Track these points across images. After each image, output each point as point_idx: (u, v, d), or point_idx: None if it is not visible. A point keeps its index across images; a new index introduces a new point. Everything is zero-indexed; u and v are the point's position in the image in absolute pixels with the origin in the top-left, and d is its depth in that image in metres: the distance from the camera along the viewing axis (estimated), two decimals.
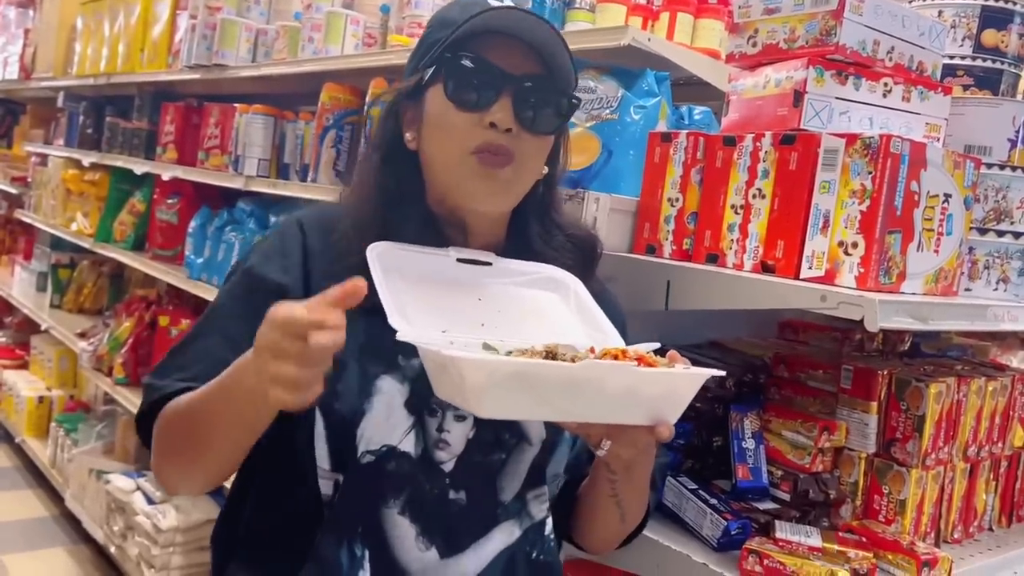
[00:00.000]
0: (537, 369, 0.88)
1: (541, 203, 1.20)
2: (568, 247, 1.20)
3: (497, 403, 0.88)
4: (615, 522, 1.17)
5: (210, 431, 0.98)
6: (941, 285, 1.30)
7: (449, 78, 1.08)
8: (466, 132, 1.07)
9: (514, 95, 1.07)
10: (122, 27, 3.82)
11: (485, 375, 0.86)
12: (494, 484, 1.10)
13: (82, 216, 4.10)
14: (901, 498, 1.40)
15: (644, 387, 0.93)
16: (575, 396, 0.90)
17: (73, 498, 3.70)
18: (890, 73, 1.36)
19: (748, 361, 1.61)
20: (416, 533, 1.05)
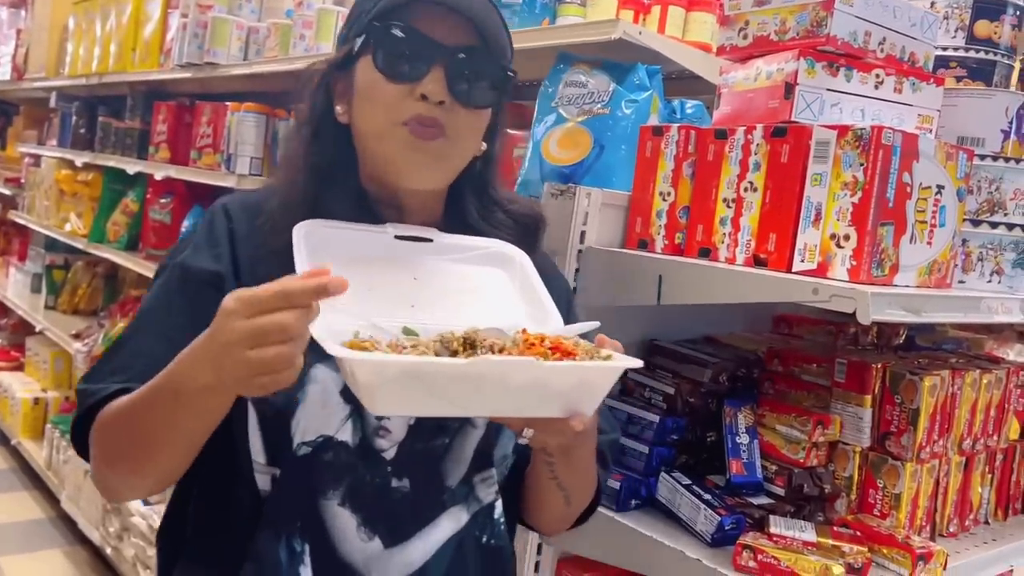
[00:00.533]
0: (428, 367, 0.84)
1: (479, 180, 1.16)
2: (508, 223, 1.17)
3: (391, 401, 0.85)
4: (560, 505, 1.15)
5: (160, 432, 0.94)
6: (934, 277, 1.29)
7: (378, 48, 1.04)
8: (397, 104, 1.04)
9: (446, 66, 1.04)
10: (114, 26, 3.81)
11: (374, 374, 0.83)
12: (438, 470, 1.07)
13: (75, 217, 4.09)
14: (896, 492, 1.40)
15: (552, 380, 0.88)
16: (476, 392, 0.86)
17: (69, 499, 3.69)
18: (882, 64, 1.35)
19: (742, 355, 1.61)
20: (357, 524, 1.02)
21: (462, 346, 0.89)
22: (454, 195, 1.16)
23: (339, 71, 1.11)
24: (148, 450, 0.96)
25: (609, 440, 1.24)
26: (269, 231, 1.05)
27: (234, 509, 1.06)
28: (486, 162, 1.17)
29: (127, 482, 1.03)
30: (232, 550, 1.04)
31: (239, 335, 0.80)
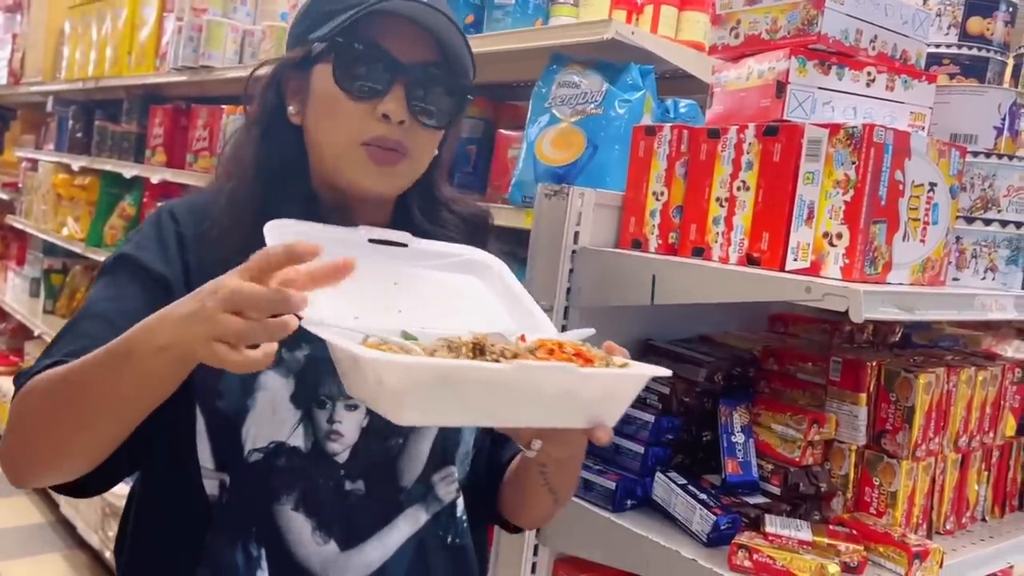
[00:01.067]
0: (465, 372, 0.78)
1: (426, 183, 1.15)
2: (454, 222, 1.17)
3: (417, 409, 0.79)
4: (548, 505, 1.14)
5: (97, 396, 0.87)
6: (928, 275, 1.29)
7: (339, 64, 1.02)
8: (356, 122, 1.03)
9: (407, 85, 1.03)
10: (109, 31, 3.81)
11: (405, 378, 0.76)
12: (393, 470, 1.06)
13: (73, 221, 4.09)
14: (892, 490, 1.39)
15: (584, 389, 0.85)
16: (506, 400, 0.81)
17: (68, 504, 3.69)
18: (873, 62, 1.35)
19: (737, 355, 1.61)
20: (312, 528, 1.02)
21: (471, 352, 0.84)
22: (401, 199, 1.15)
23: (294, 70, 1.08)
24: (78, 417, 0.89)
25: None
26: (216, 236, 1.03)
27: (183, 516, 1.04)
28: (433, 165, 1.16)
29: (42, 458, 0.94)
30: (184, 557, 1.03)
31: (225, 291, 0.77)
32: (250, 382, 1.00)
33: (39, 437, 0.93)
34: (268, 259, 0.79)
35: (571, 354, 0.87)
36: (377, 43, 1.03)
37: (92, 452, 0.92)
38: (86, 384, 0.88)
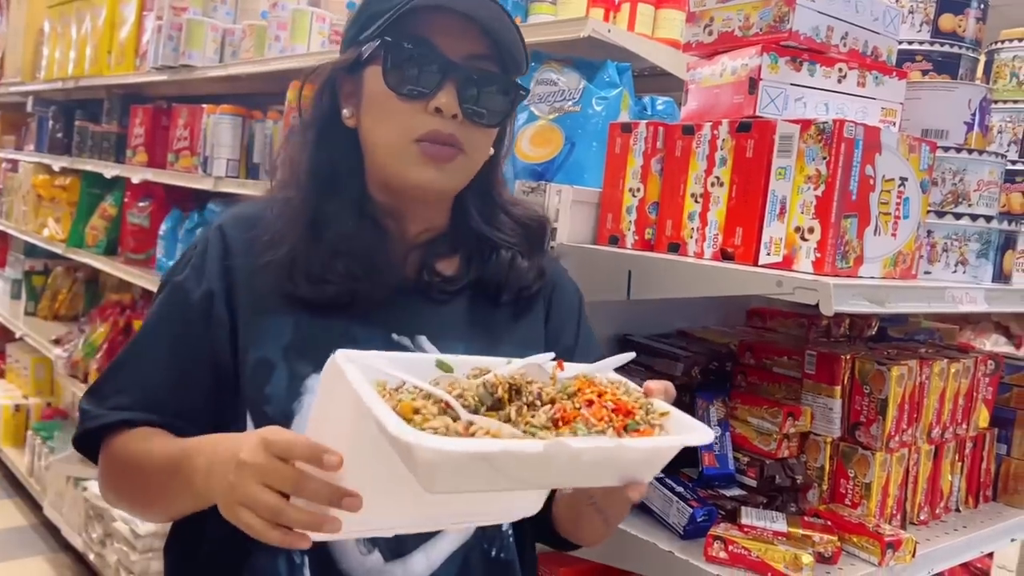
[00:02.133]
0: (503, 455, 0.76)
1: (483, 184, 1.15)
2: (511, 226, 1.16)
3: (451, 483, 0.77)
4: (600, 527, 1.11)
5: (164, 498, 1.00)
6: (900, 268, 1.30)
7: (389, 64, 1.01)
8: (409, 120, 1.02)
9: (459, 82, 1.02)
10: (89, 30, 3.79)
11: (440, 459, 0.74)
12: None
13: (54, 222, 4.07)
14: (867, 481, 1.41)
15: (623, 457, 0.82)
16: (542, 471, 0.79)
17: (51, 506, 3.67)
18: (845, 59, 1.36)
19: (714, 349, 1.62)
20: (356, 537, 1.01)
21: (507, 393, 0.83)
22: (459, 201, 1.14)
23: (347, 73, 1.08)
24: (148, 503, 1.05)
25: None
26: (267, 243, 1.03)
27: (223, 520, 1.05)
28: (491, 166, 1.15)
29: (131, 511, 1.13)
30: (228, 562, 1.03)
31: (254, 461, 0.82)
32: (296, 386, 1.01)
33: (123, 498, 1.09)
34: (292, 449, 0.81)
35: (611, 410, 0.84)
36: (425, 39, 1.02)
37: (169, 518, 1.08)
38: (149, 484, 1.01)
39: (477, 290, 1.13)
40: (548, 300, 1.19)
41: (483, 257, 1.13)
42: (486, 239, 1.13)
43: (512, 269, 1.13)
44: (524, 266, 1.14)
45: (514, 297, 1.14)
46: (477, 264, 1.13)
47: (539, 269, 1.16)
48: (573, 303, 1.22)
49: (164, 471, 0.96)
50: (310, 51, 2.50)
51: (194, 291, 1.05)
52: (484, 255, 1.13)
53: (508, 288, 1.13)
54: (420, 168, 1.04)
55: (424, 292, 1.10)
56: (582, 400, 0.85)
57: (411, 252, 1.11)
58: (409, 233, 1.11)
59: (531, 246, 1.16)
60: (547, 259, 1.19)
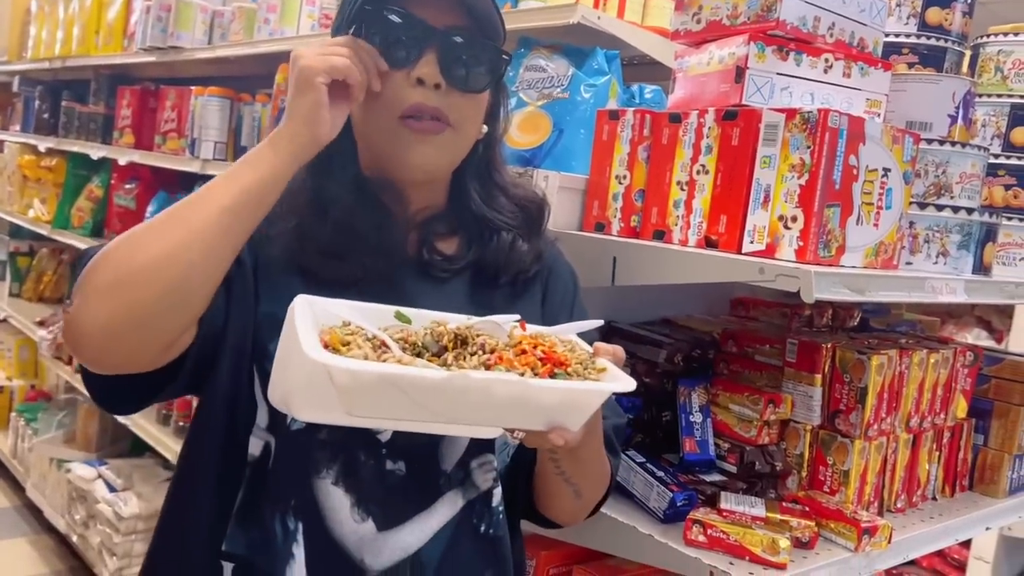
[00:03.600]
0: (410, 378, 0.80)
1: (481, 164, 1.16)
2: (511, 208, 1.17)
3: (369, 406, 0.82)
4: (570, 498, 1.14)
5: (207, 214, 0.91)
6: (881, 258, 1.32)
7: (370, 34, 1.03)
8: (393, 93, 1.04)
9: (439, 48, 1.03)
10: (77, 9, 3.76)
11: (351, 379, 0.79)
12: (435, 454, 1.07)
13: (39, 203, 4.04)
14: (845, 469, 1.43)
15: (536, 397, 0.85)
16: (457, 403, 0.83)
17: (34, 488, 3.66)
18: (831, 49, 1.37)
19: (697, 337, 1.63)
20: (351, 504, 1.03)
21: (452, 342, 0.86)
22: (457, 181, 1.15)
23: None
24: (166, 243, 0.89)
25: (613, 425, 1.20)
26: (276, 214, 1.04)
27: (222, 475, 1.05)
28: (488, 145, 1.16)
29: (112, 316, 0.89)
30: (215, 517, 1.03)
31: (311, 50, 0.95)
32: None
33: (129, 279, 0.89)
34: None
35: (538, 358, 0.87)
36: (405, 10, 1.04)
37: (190, 280, 0.91)
38: (188, 202, 0.95)
39: (477, 271, 1.14)
40: (545, 282, 1.21)
41: (484, 239, 1.15)
42: (487, 221, 1.14)
43: (512, 252, 1.15)
44: (524, 249, 1.16)
45: (512, 279, 1.16)
46: (478, 245, 1.14)
47: (537, 252, 1.18)
48: (569, 286, 1.23)
49: (213, 184, 0.95)
50: (299, 34, 2.49)
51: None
52: (485, 237, 1.15)
53: (507, 270, 1.14)
54: (410, 147, 1.05)
55: (425, 270, 1.12)
56: (516, 350, 0.88)
57: (411, 231, 1.13)
58: (409, 211, 1.12)
59: (530, 228, 1.17)
60: (544, 241, 1.21)
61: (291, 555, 1.01)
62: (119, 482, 3.09)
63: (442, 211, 1.15)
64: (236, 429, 1.05)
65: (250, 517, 1.03)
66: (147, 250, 0.90)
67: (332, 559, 1.02)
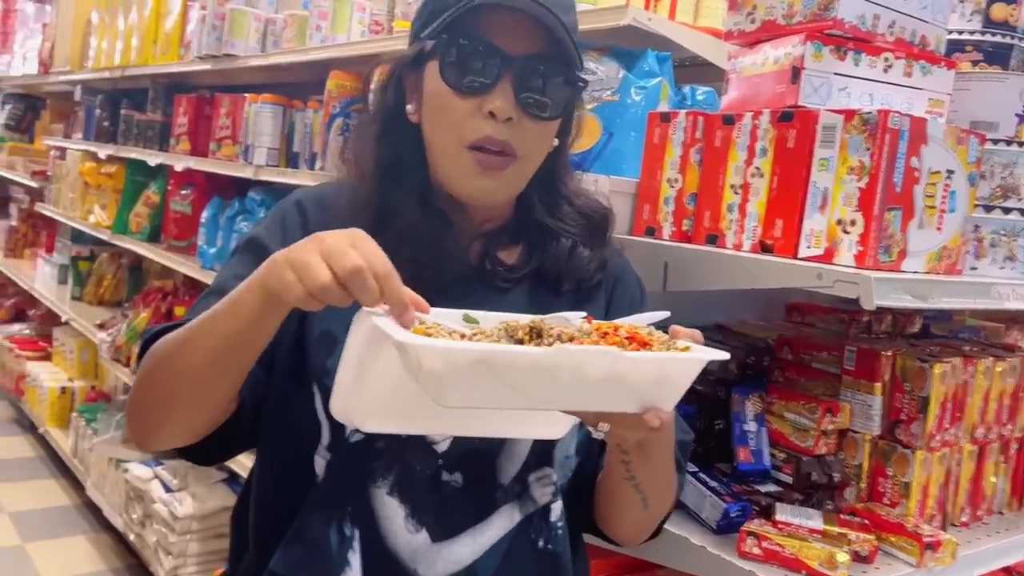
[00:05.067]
0: (502, 356, 0.78)
1: (547, 175, 1.14)
2: (575, 218, 1.15)
3: (460, 392, 0.79)
4: (637, 509, 1.09)
5: (202, 342, 0.92)
6: (944, 263, 1.27)
7: (445, 60, 1.02)
8: (463, 121, 1.02)
9: (514, 78, 1.01)
10: (136, 20, 3.85)
11: (443, 362, 0.77)
12: (492, 466, 1.05)
13: (99, 208, 4.14)
14: (906, 480, 1.38)
15: (630, 373, 0.81)
16: (549, 384, 0.80)
17: (94, 487, 3.75)
18: (891, 48, 1.33)
19: (752, 343, 1.60)
20: (405, 514, 1.02)
21: (527, 335, 0.84)
22: (524, 193, 1.13)
23: (410, 69, 1.09)
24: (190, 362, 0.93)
25: (679, 441, 1.15)
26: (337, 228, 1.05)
27: (292, 494, 1.05)
28: (556, 156, 1.14)
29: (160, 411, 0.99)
30: (283, 532, 1.04)
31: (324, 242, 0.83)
32: None
33: (156, 389, 0.98)
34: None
35: (623, 337, 0.85)
36: (482, 36, 1.02)
37: (204, 402, 0.97)
38: (201, 332, 0.93)
39: (538, 279, 1.13)
40: (610, 291, 1.19)
41: (544, 246, 1.13)
42: (548, 229, 1.13)
43: (572, 258, 1.13)
44: (585, 256, 1.14)
45: (574, 287, 1.14)
46: (538, 253, 1.13)
47: (601, 260, 1.16)
48: (636, 296, 1.21)
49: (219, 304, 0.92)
50: (350, 40, 2.51)
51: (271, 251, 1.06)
52: (545, 244, 1.14)
53: (568, 277, 1.13)
54: (473, 178, 1.04)
55: (486, 280, 1.11)
56: (597, 335, 0.85)
57: (474, 241, 1.12)
58: (473, 223, 1.11)
59: (593, 237, 1.16)
60: (610, 251, 1.19)
61: (347, 563, 1.02)
62: (174, 482, 3.15)
63: (506, 222, 1.14)
64: (302, 450, 1.05)
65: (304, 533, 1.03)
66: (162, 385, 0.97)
67: (387, 568, 1.02)
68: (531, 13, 1.01)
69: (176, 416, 0.98)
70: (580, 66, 1.08)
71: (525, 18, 1.02)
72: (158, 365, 0.97)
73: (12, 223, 6.09)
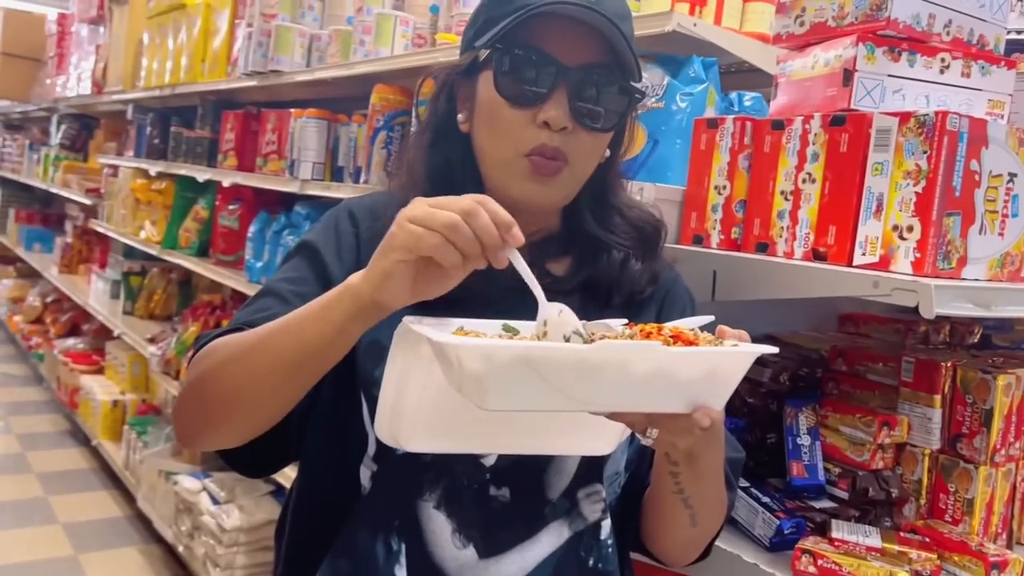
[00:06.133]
0: (545, 353, 0.76)
1: (598, 185, 1.12)
2: (627, 229, 1.13)
3: (502, 393, 0.77)
4: (685, 525, 1.06)
5: (267, 351, 0.91)
6: (1008, 270, 1.22)
7: (499, 70, 1.01)
8: (518, 131, 1.02)
9: (570, 89, 1.00)
10: (184, 40, 3.92)
11: (484, 361, 0.75)
12: (540, 481, 1.04)
13: (150, 224, 4.22)
14: (969, 497, 1.33)
15: (677, 369, 0.79)
16: (594, 382, 0.77)
17: (144, 499, 3.80)
18: (947, 48, 1.29)
19: (804, 354, 1.56)
20: (452, 529, 1.01)
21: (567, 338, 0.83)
22: (573, 202, 1.12)
23: (462, 78, 1.09)
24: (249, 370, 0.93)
25: (730, 459, 1.12)
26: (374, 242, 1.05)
27: (336, 505, 1.05)
28: (608, 167, 1.13)
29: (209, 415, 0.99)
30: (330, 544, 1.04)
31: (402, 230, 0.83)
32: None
33: (206, 395, 0.97)
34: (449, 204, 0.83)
35: (668, 336, 0.82)
36: (537, 47, 1.01)
37: (252, 417, 0.97)
38: (259, 345, 0.92)
39: (587, 291, 1.11)
40: (660, 305, 1.17)
41: (594, 258, 1.11)
42: (599, 240, 1.11)
43: (624, 270, 1.11)
44: (636, 268, 1.12)
45: (625, 300, 1.12)
46: (588, 265, 1.11)
47: (652, 273, 1.13)
48: (686, 311, 1.18)
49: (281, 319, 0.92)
50: (393, 54, 2.52)
51: (325, 260, 1.07)
52: (596, 256, 1.12)
53: (619, 289, 1.11)
54: (527, 182, 1.03)
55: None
56: (642, 334, 0.83)
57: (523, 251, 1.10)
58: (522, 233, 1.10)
59: (644, 249, 1.13)
60: (661, 264, 1.16)
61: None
62: (222, 495, 3.17)
63: (556, 232, 1.12)
64: (347, 461, 1.04)
65: (351, 546, 1.02)
66: (223, 384, 0.96)
67: None
68: (590, 23, 1.00)
69: (234, 417, 0.97)
70: (638, 76, 1.06)
71: (583, 27, 1.01)
72: (222, 364, 0.96)
73: (67, 240, 6.24)
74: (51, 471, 4.43)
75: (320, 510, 1.08)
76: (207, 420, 1.00)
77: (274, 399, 0.95)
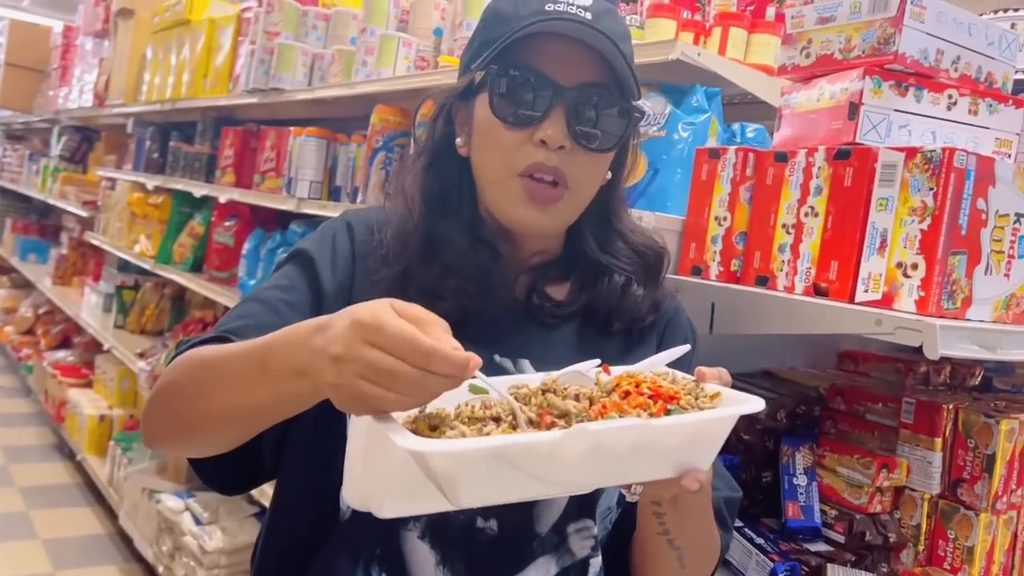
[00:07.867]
0: (519, 447, 0.71)
1: (601, 210, 1.10)
2: (629, 255, 1.11)
3: (477, 490, 0.72)
4: (673, 567, 1.02)
5: (222, 397, 0.87)
6: (1013, 312, 1.19)
7: (495, 92, 0.99)
8: (514, 150, 0.99)
9: (567, 108, 0.98)
10: (188, 56, 3.92)
11: (454, 463, 0.70)
12: (529, 514, 1.00)
13: (145, 238, 4.19)
14: (969, 544, 1.29)
15: (660, 440, 0.76)
16: (575, 466, 0.73)
17: (126, 516, 3.74)
18: (955, 84, 1.27)
19: (802, 392, 1.52)
20: (436, 561, 0.97)
21: (541, 397, 0.79)
22: (574, 226, 1.09)
23: (460, 100, 1.07)
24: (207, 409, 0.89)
25: (724, 498, 1.10)
26: (382, 258, 1.02)
27: (313, 529, 1.02)
28: (610, 190, 1.10)
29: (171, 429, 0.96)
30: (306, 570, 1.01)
31: (358, 360, 0.71)
32: None
33: (172, 409, 0.94)
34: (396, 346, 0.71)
35: (647, 396, 0.79)
36: (533, 67, 0.99)
37: (215, 442, 0.93)
38: (222, 380, 0.87)
39: (587, 317, 1.08)
40: (661, 335, 1.14)
41: (595, 283, 1.09)
42: (600, 265, 1.08)
43: (624, 297, 1.08)
44: (638, 295, 1.09)
45: (625, 327, 1.09)
46: (589, 290, 1.08)
47: (654, 301, 1.11)
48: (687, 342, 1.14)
49: (239, 367, 0.85)
50: (395, 75, 2.50)
51: (318, 270, 1.04)
52: (596, 281, 1.09)
53: (619, 317, 1.08)
54: (522, 208, 1.01)
55: (533, 315, 1.07)
56: (619, 393, 0.79)
57: (522, 274, 1.08)
58: (521, 255, 1.08)
59: (647, 276, 1.11)
60: (663, 292, 1.14)
61: None
62: (205, 515, 3.12)
63: (556, 256, 1.10)
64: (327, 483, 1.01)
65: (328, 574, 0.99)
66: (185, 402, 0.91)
67: None
68: (587, 42, 0.98)
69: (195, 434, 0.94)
70: (637, 95, 1.04)
71: (579, 46, 0.98)
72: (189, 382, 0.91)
73: (62, 251, 6.21)
74: (34, 485, 4.36)
75: (296, 533, 1.05)
76: (169, 428, 0.96)
77: (233, 431, 0.91)
